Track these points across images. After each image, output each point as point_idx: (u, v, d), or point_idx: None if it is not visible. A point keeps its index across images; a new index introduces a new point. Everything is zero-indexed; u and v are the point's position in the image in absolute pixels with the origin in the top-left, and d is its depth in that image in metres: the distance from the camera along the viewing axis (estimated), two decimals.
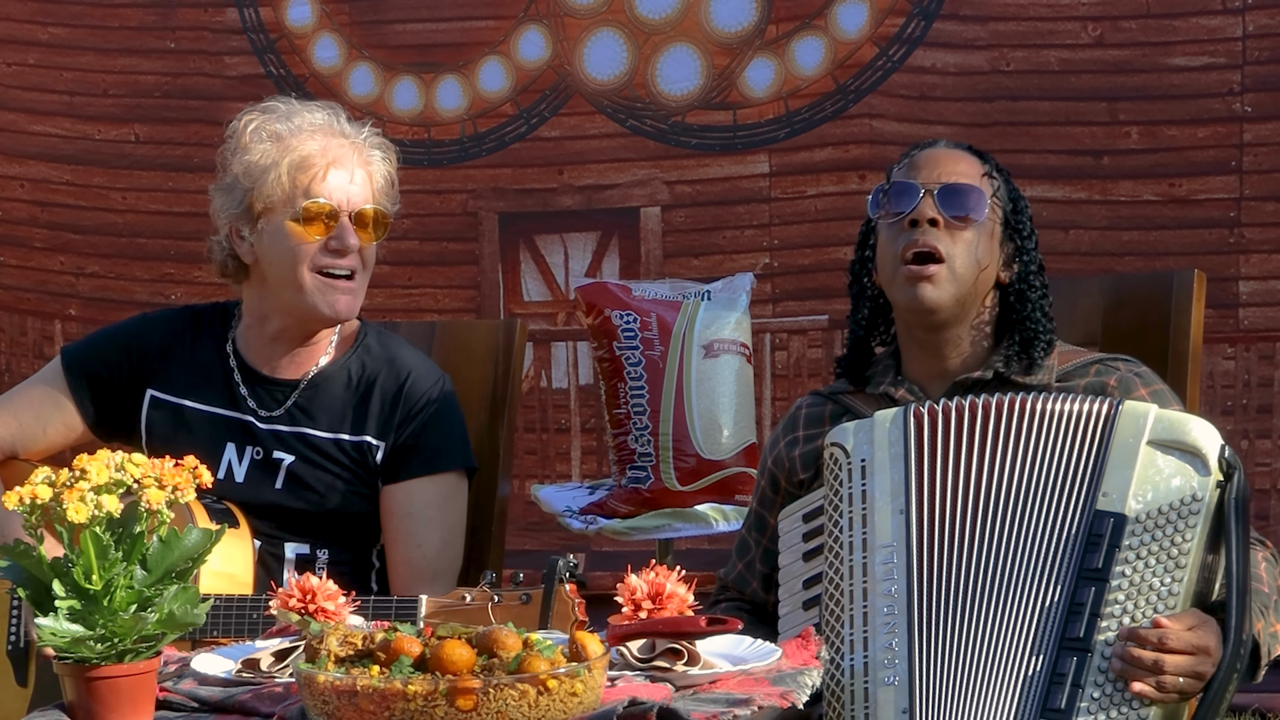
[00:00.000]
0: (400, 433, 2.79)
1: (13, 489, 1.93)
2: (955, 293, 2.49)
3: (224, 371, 2.83)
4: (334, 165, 2.73)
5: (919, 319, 2.53)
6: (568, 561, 2.30)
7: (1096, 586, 2.22)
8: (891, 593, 2.27)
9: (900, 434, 2.35)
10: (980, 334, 2.55)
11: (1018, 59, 4.80)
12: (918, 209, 2.49)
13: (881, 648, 2.25)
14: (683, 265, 5.00)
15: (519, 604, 2.32)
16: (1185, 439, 2.27)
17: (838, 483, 2.35)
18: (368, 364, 2.83)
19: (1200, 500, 2.23)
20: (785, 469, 2.60)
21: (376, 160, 2.79)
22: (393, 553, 2.80)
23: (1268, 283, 4.71)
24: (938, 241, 2.48)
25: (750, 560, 2.67)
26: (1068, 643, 2.21)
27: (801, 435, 2.62)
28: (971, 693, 2.22)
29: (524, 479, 4.84)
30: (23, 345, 5.40)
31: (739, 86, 4.98)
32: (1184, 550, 2.22)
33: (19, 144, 5.37)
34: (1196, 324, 2.85)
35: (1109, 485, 2.26)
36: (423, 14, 5.17)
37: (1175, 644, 2.18)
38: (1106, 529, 2.24)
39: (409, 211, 5.21)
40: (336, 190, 2.73)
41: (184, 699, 2.05)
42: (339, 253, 2.73)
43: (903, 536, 2.29)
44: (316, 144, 2.74)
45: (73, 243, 5.31)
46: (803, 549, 2.44)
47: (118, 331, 2.91)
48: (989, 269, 2.53)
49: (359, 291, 2.77)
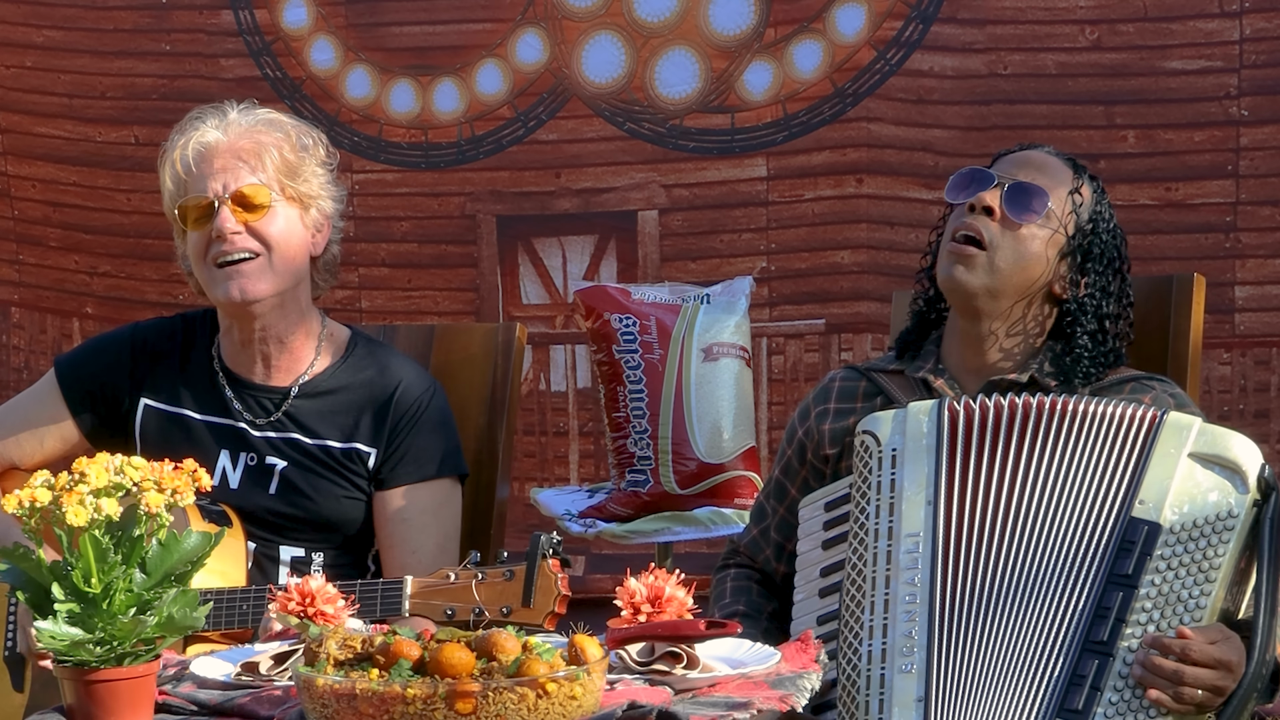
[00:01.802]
0: (391, 441, 2.79)
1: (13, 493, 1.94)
2: (989, 283, 2.52)
3: (213, 379, 2.83)
4: (206, 160, 2.72)
5: (953, 299, 2.58)
6: (550, 537, 2.31)
7: (1125, 592, 2.23)
8: (914, 581, 2.28)
9: (934, 426, 2.35)
10: (1025, 338, 2.57)
11: (1015, 62, 4.80)
12: (979, 196, 2.53)
13: (901, 635, 2.26)
14: (680, 269, 5.00)
15: (503, 580, 2.32)
16: (1227, 455, 2.28)
17: (867, 470, 2.36)
18: (359, 371, 2.83)
19: (1235, 517, 2.24)
20: (814, 440, 2.64)
21: (267, 140, 2.75)
22: (388, 559, 2.80)
23: (1263, 288, 4.71)
24: (985, 230, 2.53)
25: (765, 527, 2.70)
26: (1091, 645, 2.22)
27: (833, 409, 2.65)
28: (988, 686, 2.22)
29: (522, 482, 4.84)
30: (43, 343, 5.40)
31: (737, 90, 4.98)
32: (1215, 565, 2.23)
33: (27, 145, 5.37)
34: (1196, 328, 2.85)
35: (1146, 493, 2.27)
36: (420, 16, 5.17)
37: (1198, 656, 2.18)
38: (1140, 536, 2.25)
39: (407, 214, 5.24)
40: (211, 182, 2.71)
41: (183, 702, 2.06)
42: (220, 238, 2.72)
43: (929, 527, 2.30)
44: (191, 146, 2.74)
45: (85, 242, 5.31)
46: (823, 537, 2.45)
47: (109, 341, 2.91)
48: (1039, 276, 2.55)
49: (263, 272, 2.73)
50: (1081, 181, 2.59)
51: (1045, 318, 2.59)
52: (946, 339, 2.62)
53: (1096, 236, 2.58)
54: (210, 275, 2.73)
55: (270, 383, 2.81)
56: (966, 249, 2.52)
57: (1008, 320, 2.56)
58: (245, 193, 2.71)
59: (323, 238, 2.81)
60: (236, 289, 2.71)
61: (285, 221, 2.74)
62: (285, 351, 2.81)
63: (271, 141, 2.74)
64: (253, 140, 2.74)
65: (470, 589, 2.34)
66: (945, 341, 2.62)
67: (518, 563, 2.33)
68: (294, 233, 2.76)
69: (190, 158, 2.73)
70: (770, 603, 2.65)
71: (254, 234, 2.72)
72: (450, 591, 2.35)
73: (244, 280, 2.71)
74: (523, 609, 2.29)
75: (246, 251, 2.72)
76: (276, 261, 2.73)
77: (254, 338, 2.79)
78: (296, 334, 2.81)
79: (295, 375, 2.82)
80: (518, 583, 2.31)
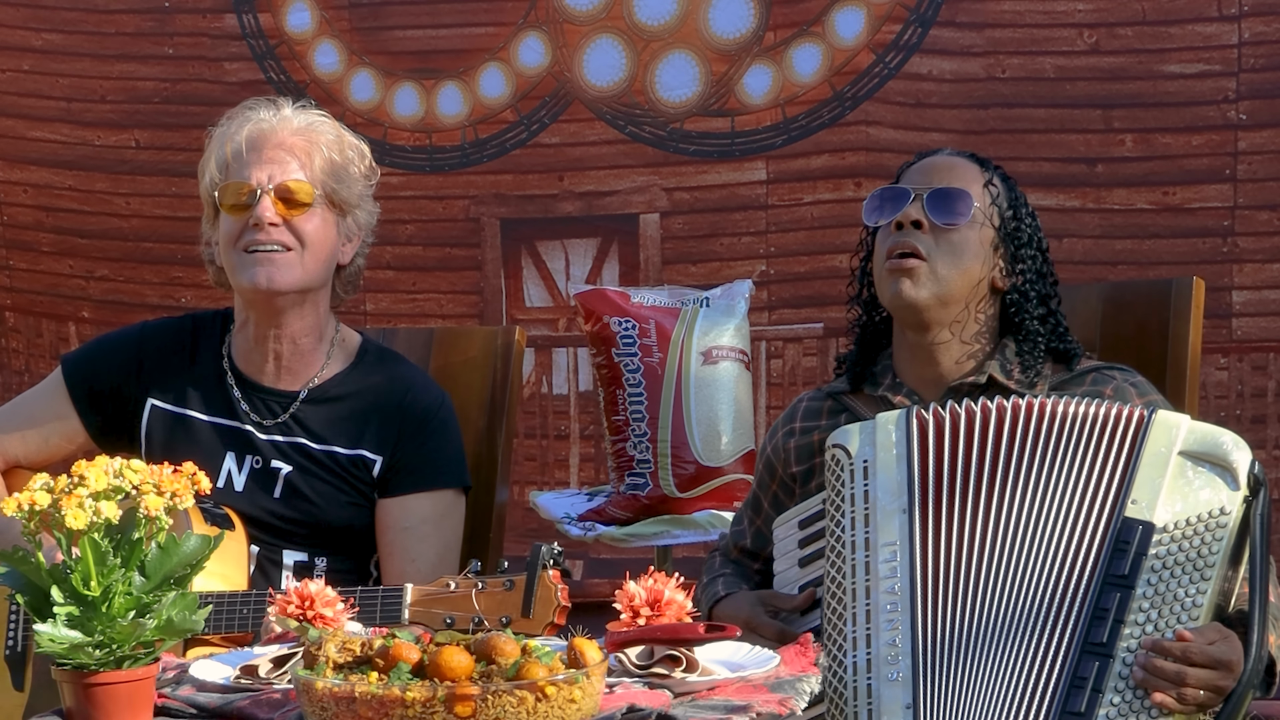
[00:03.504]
0: (398, 448, 2.79)
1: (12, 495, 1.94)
2: (937, 292, 2.53)
3: (221, 380, 2.83)
4: (256, 149, 2.73)
5: (902, 316, 2.58)
6: (551, 548, 2.31)
7: (1122, 593, 2.23)
8: (895, 590, 2.28)
9: (903, 435, 2.35)
10: (975, 339, 2.58)
11: (1013, 66, 4.80)
12: (904, 211, 2.54)
13: (885, 644, 2.26)
14: (680, 272, 5.01)
15: (503, 590, 2.32)
16: (1217, 452, 2.28)
17: (839, 483, 2.36)
18: (369, 379, 2.83)
19: (1228, 514, 2.24)
20: (781, 458, 2.67)
21: (319, 140, 2.77)
22: (388, 567, 2.80)
23: (1261, 292, 4.71)
24: (919, 243, 2.53)
25: (740, 531, 2.75)
26: (1090, 647, 2.22)
27: (798, 427, 2.68)
28: (978, 690, 2.22)
29: (523, 485, 4.84)
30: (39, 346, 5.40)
31: (737, 93, 4.98)
32: (1210, 564, 2.23)
33: (19, 149, 5.36)
34: (1195, 331, 2.85)
35: (1139, 493, 2.27)
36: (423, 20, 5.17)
37: (1199, 658, 2.19)
38: (1135, 536, 2.25)
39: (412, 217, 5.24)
40: (257, 171, 2.72)
41: (182, 705, 2.06)
42: (258, 227, 2.72)
43: (906, 535, 2.30)
44: (243, 133, 2.75)
45: (80, 247, 5.31)
46: (799, 555, 2.46)
47: (117, 340, 2.91)
48: (980, 275, 2.56)
49: (291, 265, 2.73)
50: (990, 174, 2.61)
51: (991, 315, 2.60)
52: (897, 355, 2.63)
53: (1020, 222, 2.60)
54: (239, 260, 2.73)
55: (279, 386, 2.82)
56: (907, 263, 2.53)
57: (957, 327, 2.57)
58: (290, 187, 2.72)
59: (351, 248, 2.82)
60: (264, 275, 2.72)
61: (322, 222, 2.75)
62: (297, 354, 2.81)
63: (324, 142, 2.76)
64: (305, 138, 2.75)
65: (470, 598, 2.34)
66: (896, 357, 2.63)
67: (518, 572, 2.34)
68: (328, 236, 2.77)
69: (241, 143, 2.73)
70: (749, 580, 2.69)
71: (291, 229, 2.73)
72: (450, 600, 2.35)
73: (272, 269, 2.72)
74: (522, 619, 2.29)
75: (280, 244, 2.72)
76: (308, 259, 2.74)
77: (269, 334, 2.79)
78: (310, 337, 2.81)
79: (305, 379, 2.82)
80: (517, 593, 2.31)
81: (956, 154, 2.65)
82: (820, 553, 2.39)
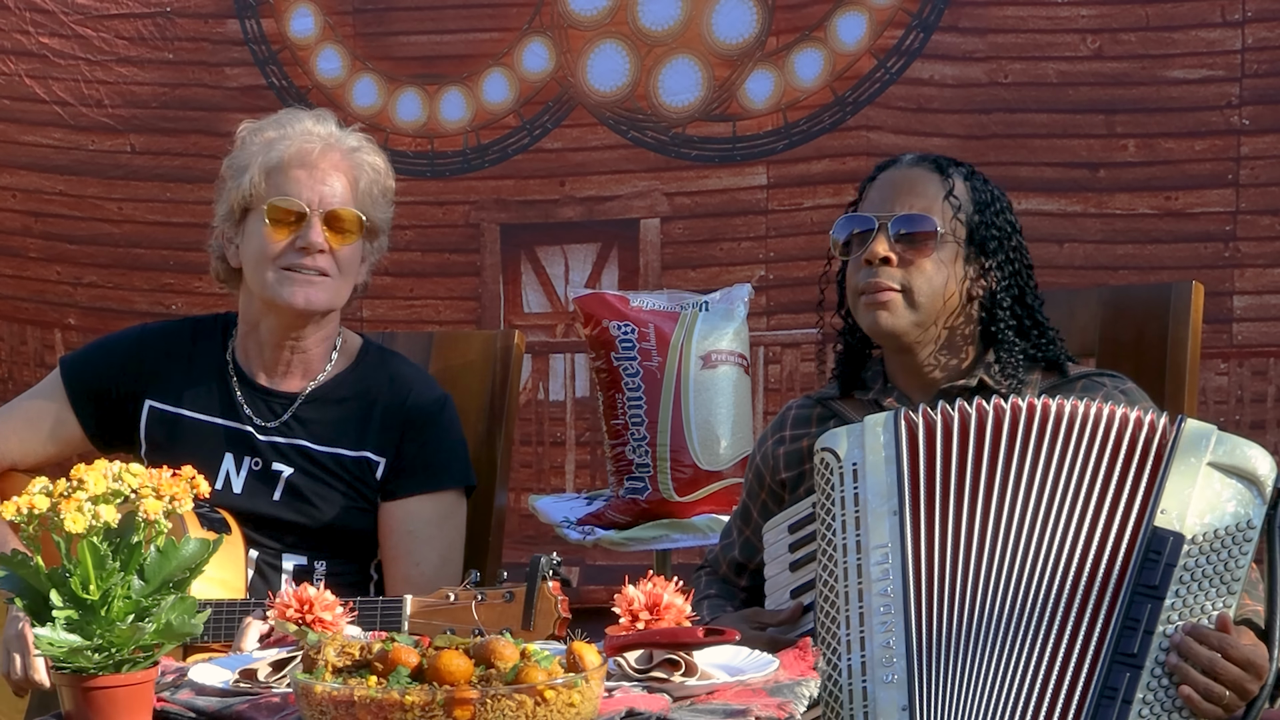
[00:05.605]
0: (401, 450, 2.80)
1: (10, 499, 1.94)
2: (915, 318, 2.55)
3: (223, 381, 2.83)
4: (307, 166, 2.74)
5: (884, 343, 2.60)
6: (551, 559, 2.32)
7: (1153, 604, 2.22)
8: (888, 592, 2.28)
9: (891, 437, 2.36)
10: (961, 346, 2.59)
11: (1016, 71, 4.80)
12: (870, 249, 2.55)
13: (879, 646, 2.26)
14: (680, 277, 5.00)
15: (503, 602, 2.32)
16: (1245, 464, 2.27)
17: (829, 486, 2.36)
18: (370, 380, 2.83)
19: (1254, 528, 2.25)
20: (770, 466, 2.67)
21: (365, 165, 2.78)
22: (391, 570, 2.80)
23: (1262, 297, 4.70)
24: (889, 279, 2.54)
25: (729, 544, 2.75)
26: (1121, 657, 2.21)
27: (788, 435, 2.68)
28: (974, 689, 2.22)
29: (519, 491, 4.84)
30: (24, 354, 5.39)
31: (739, 98, 4.98)
32: (1236, 576, 2.23)
33: (9, 154, 5.35)
34: (1195, 336, 2.85)
35: (1168, 503, 2.26)
36: (426, 26, 5.17)
37: (1234, 654, 2.19)
38: (1165, 547, 2.24)
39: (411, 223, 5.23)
40: (307, 190, 2.73)
41: (181, 709, 2.06)
42: (305, 251, 2.73)
43: (897, 537, 2.30)
44: (294, 146, 2.75)
45: (68, 253, 5.30)
46: (790, 559, 2.46)
47: (117, 342, 2.92)
48: (954, 289, 2.56)
49: (328, 289, 2.76)
50: (951, 180, 2.59)
51: (972, 323, 2.60)
52: (888, 363, 2.65)
53: (985, 222, 2.59)
54: (275, 275, 2.74)
55: (282, 387, 2.82)
56: (880, 296, 2.54)
57: (940, 342, 2.58)
58: (340, 215, 2.75)
59: (366, 267, 2.84)
60: (302, 297, 2.74)
61: (357, 248, 2.78)
62: (306, 359, 2.82)
63: (369, 165, 2.78)
64: (354, 161, 2.77)
65: (470, 609, 2.34)
66: (888, 364, 2.65)
67: (518, 583, 2.33)
68: (356, 259, 2.80)
69: (291, 155, 2.74)
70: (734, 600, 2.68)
71: (333, 254, 2.75)
72: (450, 612, 2.35)
73: (310, 290, 2.74)
74: (522, 631, 2.29)
75: (319, 270, 2.74)
76: (341, 283, 2.78)
77: (285, 342, 2.80)
78: (324, 345, 2.83)
79: (307, 381, 2.83)
80: (517, 604, 2.31)
81: (916, 163, 2.63)
82: (811, 556, 2.38)
